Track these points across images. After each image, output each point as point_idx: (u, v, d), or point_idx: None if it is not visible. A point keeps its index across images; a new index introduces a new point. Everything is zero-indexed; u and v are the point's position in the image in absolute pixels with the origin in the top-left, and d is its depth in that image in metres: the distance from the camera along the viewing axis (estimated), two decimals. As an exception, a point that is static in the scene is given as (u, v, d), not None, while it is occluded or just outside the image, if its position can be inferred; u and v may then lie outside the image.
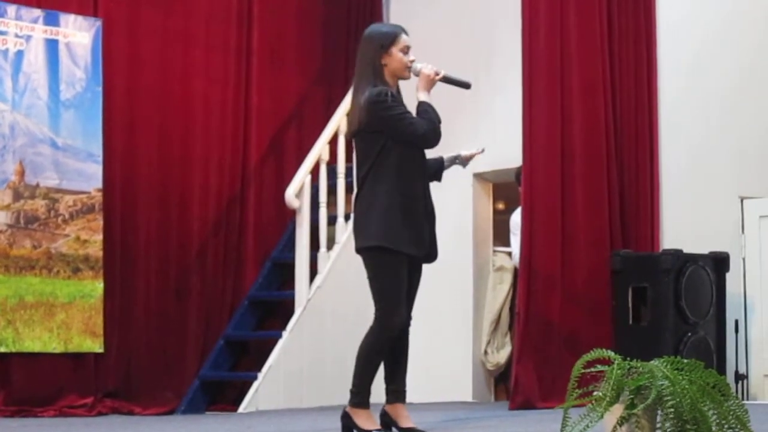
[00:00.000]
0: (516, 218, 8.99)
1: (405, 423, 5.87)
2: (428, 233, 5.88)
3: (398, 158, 5.79)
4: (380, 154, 5.79)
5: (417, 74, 5.96)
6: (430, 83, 5.95)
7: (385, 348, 5.79)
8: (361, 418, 5.82)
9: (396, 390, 5.92)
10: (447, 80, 6.01)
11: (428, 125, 5.83)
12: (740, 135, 8.81)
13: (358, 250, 5.83)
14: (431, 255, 5.97)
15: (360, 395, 5.79)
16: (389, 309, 5.73)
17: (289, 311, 9.36)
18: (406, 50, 5.92)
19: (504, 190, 10.19)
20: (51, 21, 8.87)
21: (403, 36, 5.94)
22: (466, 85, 6.07)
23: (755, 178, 8.76)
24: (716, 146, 8.80)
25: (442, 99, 9.88)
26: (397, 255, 5.72)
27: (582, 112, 8.41)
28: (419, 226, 5.80)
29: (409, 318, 5.92)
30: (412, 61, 5.93)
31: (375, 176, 5.79)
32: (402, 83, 6.05)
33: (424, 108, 5.88)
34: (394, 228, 5.72)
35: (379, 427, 5.86)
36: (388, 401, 5.93)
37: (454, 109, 9.68)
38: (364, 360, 5.77)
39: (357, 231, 5.86)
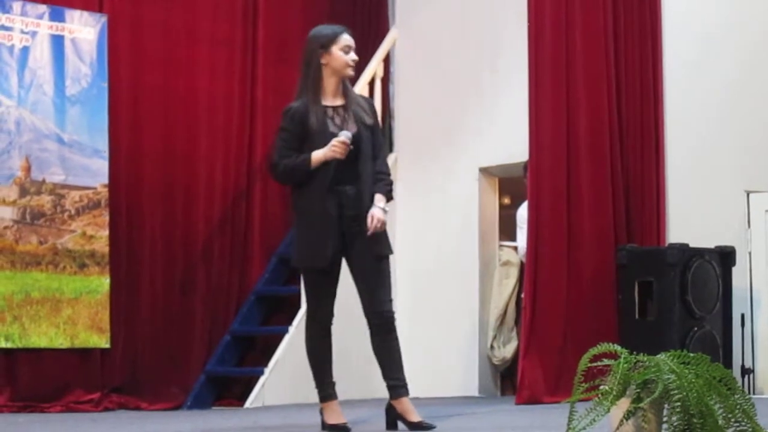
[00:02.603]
0: (522, 212, 9.00)
1: (413, 417, 5.88)
2: (336, 241, 5.92)
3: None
4: None
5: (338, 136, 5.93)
6: (332, 152, 5.89)
7: (315, 344, 6.07)
8: (327, 413, 6.02)
9: (395, 385, 5.94)
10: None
11: (279, 163, 5.97)
12: (746, 129, 8.80)
13: None
14: (381, 251, 6.00)
15: (320, 390, 6.06)
16: (308, 310, 6.13)
17: (295, 306, 9.35)
18: (347, 49, 6.05)
19: (510, 185, 10.20)
20: (56, 17, 8.87)
21: (344, 36, 6.07)
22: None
23: (761, 172, 8.74)
24: (722, 140, 8.79)
25: (449, 94, 9.93)
26: (306, 271, 6.06)
27: (587, 107, 8.42)
28: (320, 238, 5.91)
29: (388, 313, 5.95)
30: (354, 60, 6.08)
31: (293, 191, 6.09)
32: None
33: (301, 158, 5.92)
34: (300, 247, 6.02)
35: (343, 421, 5.98)
36: (392, 396, 5.96)
37: (460, 105, 9.72)
38: (307, 357, 6.10)
39: None
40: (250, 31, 10.00)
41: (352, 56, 6.05)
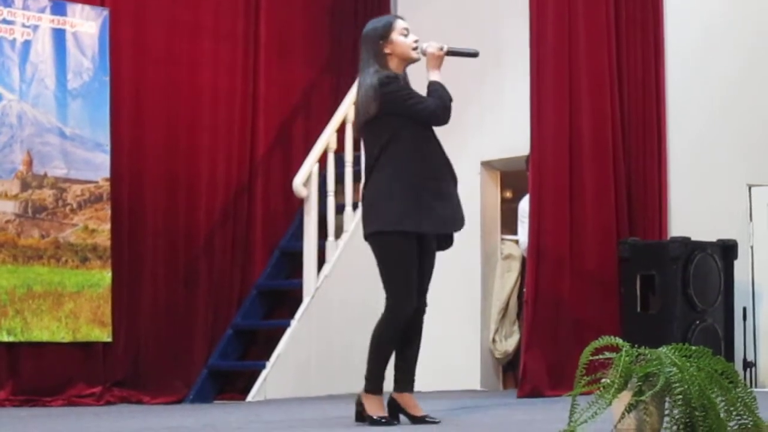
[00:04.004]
0: (524, 205, 8.99)
1: (417, 411, 5.85)
2: (450, 209, 5.89)
3: (411, 141, 5.81)
4: (391, 140, 5.80)
5: (424, 54, 5.96)
6: (439, 60, 5.97)
7: (396, 335, 5.79)
8: (370, 404, 5.81)
9: (403, 378, 5.91)
10: (453, 53, 6.01)
11: (438, 103, 5.87)
12: (748, 123, 8.80)
13: (366, 237, 5.85)
14: (447, 240, 6.00)
15: (371, 382, 5.80)
16: (398, 295, 5.73)
17: (297, 300, 9.36)
18: (405, 32, 5.94)
19: (512, 178, 10.19)
20: (58, 11, 8.87)
21: (399, 21, 5.97)
22: (473, 54, 6.08)
23: (763, 165, 8.74)
24: (724, 134, 8.79)
25: (451, 88, 9.88)
26: (401, 236, 5.72)
27: (589, 100, 8.40)
28: (433, 205, 5.80)
29: (424, 304, 5.90)
30: (417, 41, 5.95)
31: (385, 162, 5.79)
32: (413, 69, 6.04)
33: (435, 87, 5.92)
34: (400, 211, 5.73)
35: (386, 415, 5.85)
36: (396, 389, 5.92)
37: (462, 99, 9.67)
38: (374, 347, 5.79)
39: (365, 218, 5.89)
40: (252, 26, 10.01)
41: (413, 37, 5.93)
